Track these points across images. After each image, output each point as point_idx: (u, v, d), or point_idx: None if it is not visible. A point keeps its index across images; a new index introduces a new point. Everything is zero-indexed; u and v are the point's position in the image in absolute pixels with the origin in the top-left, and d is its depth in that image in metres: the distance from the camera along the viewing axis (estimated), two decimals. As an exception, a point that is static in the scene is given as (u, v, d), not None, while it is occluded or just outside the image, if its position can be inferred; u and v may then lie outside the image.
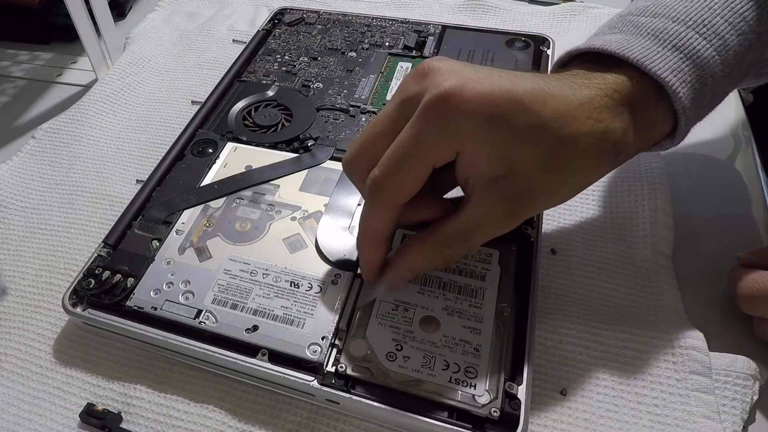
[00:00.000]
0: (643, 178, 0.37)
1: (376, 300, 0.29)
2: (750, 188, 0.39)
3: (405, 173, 0.25)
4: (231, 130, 0.41)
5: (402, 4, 0.56)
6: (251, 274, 0.31)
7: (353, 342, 0.28)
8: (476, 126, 0.24)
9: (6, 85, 0.51)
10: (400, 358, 0.27)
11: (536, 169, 0.24)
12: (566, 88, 0.25)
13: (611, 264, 0.34)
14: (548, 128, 0.24)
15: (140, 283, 0.31)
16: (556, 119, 0.24)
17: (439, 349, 0.27)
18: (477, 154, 0.25)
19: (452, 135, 0.24)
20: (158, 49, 0.52)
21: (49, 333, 0.32)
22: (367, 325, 0.28)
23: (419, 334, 0.28)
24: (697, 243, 0.36)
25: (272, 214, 0.35)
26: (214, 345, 0.29)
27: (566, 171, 0.25)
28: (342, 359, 0.27)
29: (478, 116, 0.24)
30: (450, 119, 0.24)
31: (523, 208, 0.26)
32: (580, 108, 0.24)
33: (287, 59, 0.47)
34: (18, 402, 0.30)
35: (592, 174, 0.26)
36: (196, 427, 0.28)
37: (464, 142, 0.24)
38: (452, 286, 0.30)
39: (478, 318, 0.29)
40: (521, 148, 0.24)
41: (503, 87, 0.24)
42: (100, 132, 0.44)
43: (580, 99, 0.24)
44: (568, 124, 0.24)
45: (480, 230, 0.26)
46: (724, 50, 0.26)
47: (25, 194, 0.40)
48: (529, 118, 0.24)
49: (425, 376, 0.26)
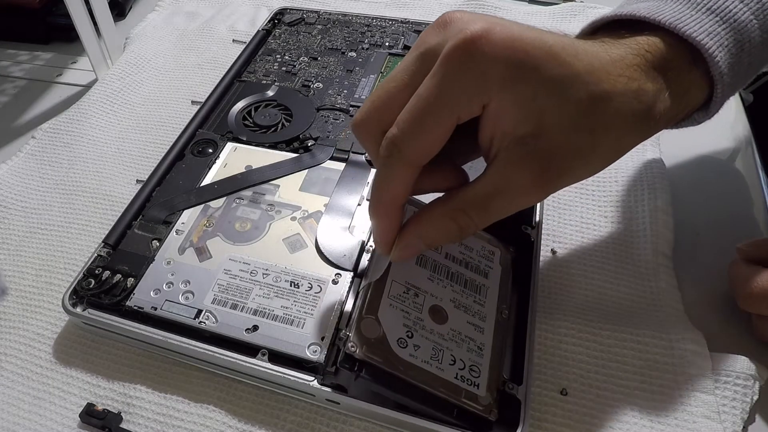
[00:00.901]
0: (643, 178, 0.37)
1: (389, 279, 0.28)
2: (750, 188, 0.39)
3: (428, 128, 0.23)
4: (231, 130, 0.41)
5: (402, 4, 0.56)
6: (251, 274, 0.31)
7: (365, 321, 0.26)
8: (505, 72, 0.22)
9: (6, 85, 0.51)
10: (411, 347, 0.26)
11: (567, 127, 0.22)
12: (597, 46, 0.23)
13: (611, 264, 0.34)
14: (580, 82, 0.22)
15: (140, 283, 0.31)
16: (588, 72, 0.22)
17: (447, 343, 0.27)
18: (504, 108, 0.22)
19: (479, 83, 0.22)
20: (158, 49, 0.52)
21: (49, 333, 0.32)
22: (378, 306, 0.27)
23: (429, 323, 0.27)
24: (697, 243, 0.36)
25: (272, 214, 0.35)
26: (214, 345, 0.29)
27: (599, 131, 0.23)
28: (352, 338, 0.25)
29: (507, 61, 0.22)
30: (477, 64, 0.22)
31: (554, 173, 0.23)
32: (613, 65, 0.23)
33: (287, 59, 0.47)
34: (18, 402, 0.30)
35: (625, 140, 0.24)
36: (196, 427, 0.28)
37: (492, 91, 0.22)
38: (459, 278, 0.29)
39: (482, 316, 0.28)
40: (551, 102, 0.22)
41: (533, 34, 0.22)
42: (100, 132, 0.44)
43: (613, 56, 0.23)
44: (601, 79, 0.22)
45: (503, 197, 0.23)
46: (762, 14, 0.25)
47: (25, 194, 0.40)
48: (561, 68, 0.22)
49: (434, 369, 0.25)
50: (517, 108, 0.22)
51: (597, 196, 0.38)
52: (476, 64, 0.22)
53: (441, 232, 0.25)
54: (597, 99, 0.22)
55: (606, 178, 0.38)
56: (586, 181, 0.38)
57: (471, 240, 0.31)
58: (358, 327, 0.26)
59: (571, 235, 0.36)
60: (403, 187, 0.24)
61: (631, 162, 0.39)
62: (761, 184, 0.39)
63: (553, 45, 0.22)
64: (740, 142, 0.42)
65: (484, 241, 0.31)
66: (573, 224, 0.36)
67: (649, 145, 0.40)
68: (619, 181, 0.38)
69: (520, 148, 0.23)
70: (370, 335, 0.26)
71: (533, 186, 0.23)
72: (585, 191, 0.38)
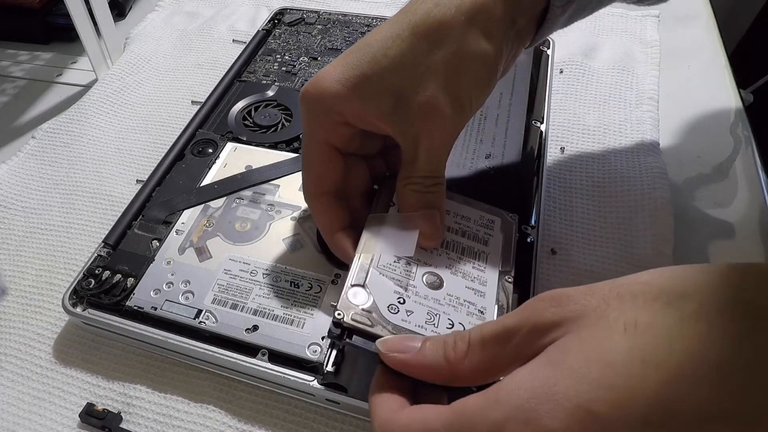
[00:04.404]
0: (643, 177, 0.37)
1: (376, 252, 0.27)
2: (750, 188, 0.39)
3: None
4: (231, 130, 0.41)
5: (402, 4, 0.56)
6: (251, 274, 0.31)
7: (352, 290, 0.26)
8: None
9: (6, 85, 0.51)
10: (403, 312, 0.25)
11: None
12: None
13: (611, 264, 0.34)
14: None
15: (140, 283, 0.31)
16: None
17: (444, 307, 0.26)
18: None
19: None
20: (158, 49, 0.52)
21: (49, 333, 0.32)
22: (366, 276, 0.26)
23: (422, 289, 0.26)
24: (697, 242, 0.36)
25: (272, 214, 0.35)
26: (214, 345, 0.29)
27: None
28: (340, 307, 0.25)
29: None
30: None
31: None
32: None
33: (287, 59, 0.47)
34: (18, 402, 0.30)
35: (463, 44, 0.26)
36: (196, 427, 0.28)
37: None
38: (455, 246, 0.29)
39: (482, 281, 0.28)
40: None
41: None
42: (100, 132, 0.44)
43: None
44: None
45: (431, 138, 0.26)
46: None
47: (25, 194, 0.40)
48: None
49: (429, 333, 0.25)
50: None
51: (597, 197, 0.38)
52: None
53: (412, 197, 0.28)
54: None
55: (606, 178, 0.38)
56: (585, 181, 0.38)
57: (467, 210, 0.31)
58: (345, 296, 0.25)
59: (571, 235, 0.36)
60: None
61: (631, 162, 0.39)
62: (761, 184, 0.39)
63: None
64: (740, 142, 0.42)
65: (482, 210, 0.31)
66: (573, 224, 0.36)
67: (650, 146, 0.40)
68: (619, 181, 0.38)
69: (401, 111, 0.26)
70: (359, 303, 0.25)
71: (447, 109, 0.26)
72: (585, 191, 0.38)
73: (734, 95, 0.45)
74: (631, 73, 0.46)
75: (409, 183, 0.27)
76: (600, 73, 0.46)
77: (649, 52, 0.48)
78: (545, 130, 0.39)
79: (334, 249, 0.29)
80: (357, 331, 0.24)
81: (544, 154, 0.38)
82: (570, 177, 0.39)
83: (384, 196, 0.30)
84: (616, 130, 0.41)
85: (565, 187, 0.38)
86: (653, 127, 0.41)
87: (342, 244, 0.28)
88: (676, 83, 0.46)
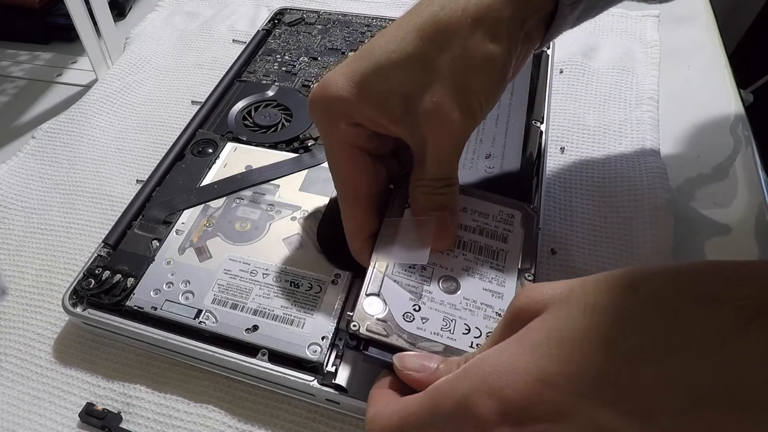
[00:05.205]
0: (643, 177, 0.37)
1: (391, 260, 0.27)
2: (750, 188, 0.39)
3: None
4: (231, 130, 0.41)
5: (402, 4, 0.56)
6: (251, 274, 0.31)
7: (367, 300, 0.26)
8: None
9: (6, 85, 0.51)
10: (418, 320, 0.25)
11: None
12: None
13: (611, 264, 0.34)
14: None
15: (140, 283, 0.31)
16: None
17: (460, 312, 0.26)
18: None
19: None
20: (158, 49, 0.52)
21: (49, 333, 0.32)
22: (381, 285, 0.26)
23: (438, 294, 0.26)
24: (697, 243, 0.36)
25: (272, 214, 0.35)
26: (214, 345, 0.29)
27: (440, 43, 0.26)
28: (355, 318, 0.25)
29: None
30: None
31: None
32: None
33: (287, 59, 0.47)
34: (18, 402, 0.30)
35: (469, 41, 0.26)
36: (196, 427, 0.28)
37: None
38: (473, 245, 0.28)
39: (500, 281, 0.27)
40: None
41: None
42: (100, 132, 0.44)
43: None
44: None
45: (441, 141, 0.26)
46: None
47: (25, 194, 0.40)
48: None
49: (445, 340, 0.25)
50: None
51: (597, 197, 0.38)
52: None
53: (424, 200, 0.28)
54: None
55: (606, 178, 0.38)
56: (585, 181, 0.38)
57: (486, 206, 0.30)
58: (360, 306, 0.26)
59: (571, 235, 0.36)
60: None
61: (631, 162, 0.39)
62: (761, 184, 0.39)
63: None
64: (740, 142, 0.42)
65: (501, 204, 0.30)
66: (573, 224, 0.36)
67: (649, 146, 0.40)
68: (618, 181, 0.38)
69: (416, 110, 0.26)
70: (374, 312, 0.25)
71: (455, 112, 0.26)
72: (585, 191, 0.38)
73: (734, 95, 0.45)
74: (631, 73, 0.46)
75: (419, 185, 0.27)
76: (600, 73, 0.46)
77: (649, 52, 0.48)
78: (545, 130, 0.39)
79: (356, 255, 0.29)
80: (373, 342, 0.25)
81: (544, 154, 0.38)
82: (570, 177, 0.39)
83: (399, 197, 0.29)
84: (616, 130, 0.41)
85: (565, 187, 0.38)
86: (653, 127, 0.41)
87: (366, 252, 0.28)
88: (676, 83, 0.46)
